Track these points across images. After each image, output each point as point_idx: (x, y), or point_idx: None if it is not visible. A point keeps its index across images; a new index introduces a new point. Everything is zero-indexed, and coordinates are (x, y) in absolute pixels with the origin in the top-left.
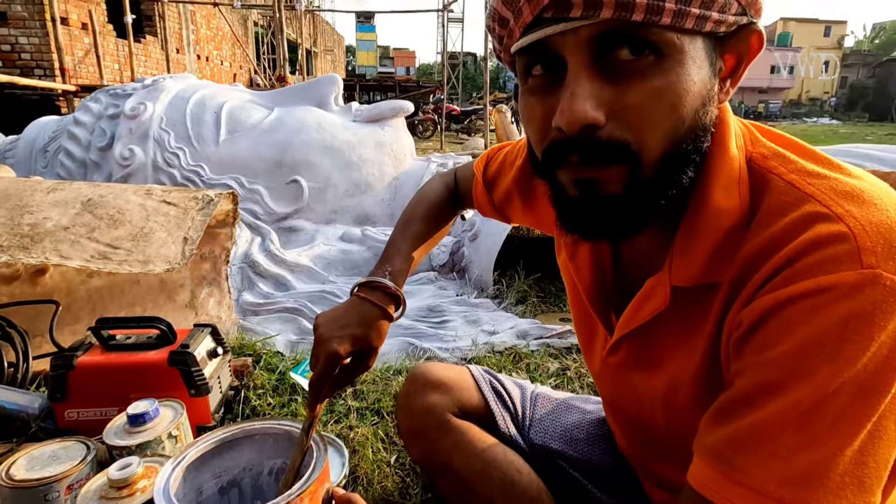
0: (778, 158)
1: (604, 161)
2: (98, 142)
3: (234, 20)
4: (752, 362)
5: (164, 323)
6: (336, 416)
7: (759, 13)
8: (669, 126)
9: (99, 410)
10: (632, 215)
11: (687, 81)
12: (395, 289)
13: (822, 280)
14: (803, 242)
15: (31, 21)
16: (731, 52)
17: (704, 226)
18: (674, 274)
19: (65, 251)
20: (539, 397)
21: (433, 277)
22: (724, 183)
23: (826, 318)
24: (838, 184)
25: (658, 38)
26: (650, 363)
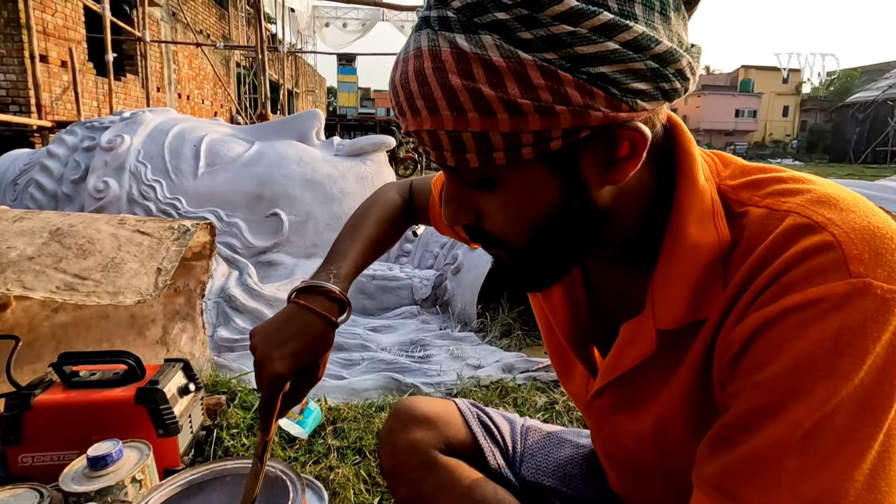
0: (748, 187)
1: (486, 245)
2: (71, 174)
3: (216, 60)
4: (745, 384)
5: (132, 357)
6: (315, 455)
7: (608, 119)
8: (523, 227)
9: (57, 454)
10: (539, 276)
11: (524, 199)
12: (339, 292)
13: (811, 292)
14: (790, 256)
15: (8, 58)
16: (613, 142)
17: (683, 263)
18: (658, 317)
19: (28, 282)
20: (529, 431)
21: (416, 311)
22: (697, 217)
23: (818, 333)
24: (812, 195)
25: (481, 172)
26: (636, 404)
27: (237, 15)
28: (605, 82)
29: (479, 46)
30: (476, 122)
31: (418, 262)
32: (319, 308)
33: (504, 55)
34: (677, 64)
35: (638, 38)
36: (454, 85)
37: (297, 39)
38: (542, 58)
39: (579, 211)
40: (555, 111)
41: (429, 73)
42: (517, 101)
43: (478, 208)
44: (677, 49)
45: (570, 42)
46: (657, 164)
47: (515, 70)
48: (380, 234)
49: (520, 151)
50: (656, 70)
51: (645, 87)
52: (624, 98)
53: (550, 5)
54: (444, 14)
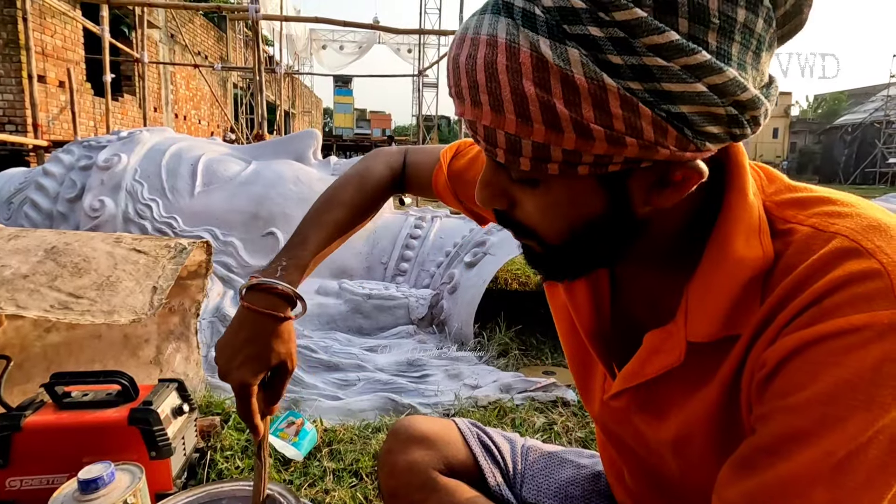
0: (794, 205)
1: (517, 233)
2: (67, 193)
3: (213, 81)
4: (776, 406)
5: (125, 377)
6: (311, 478)
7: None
8: (559, 229)
9: (46, 478)
10: (567, 271)
11: (568, 206)
12: (282, 288)
13: (854, 319)
14: (833, 280)
15: (7, 78)
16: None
17: (725, 277)
18: (690, 329)
19: (22, 301)
20: (530, 451)
21: (412, 331)
22: (744, 232)
23: (858, 361)
24: (862, 219)
25: (529, 174)
26: (657, 410)
27: (235, 37)
28: (682, 122)
29: (563, 59)
30: (540, 134)
31: (414, 282)
32: (264, 307)
33: (588, 75)
34: (755, 111)
35: (728, 83)
36: (527, 92)
37: (295, 61)
38: (626, 86)
39: (619, 223)
40: (624, 141)
41: (500, 70)
42: (589, 126)
43: (513, 198)
44: (760, 97)
45: (660, 77)
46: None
47: (595, 93)
48: (350, 217)
49: (576, 168)
50: (734, 116)
51: (718, 131)
52: (694, 140)
53: (650, 34)
54: (532, 10)
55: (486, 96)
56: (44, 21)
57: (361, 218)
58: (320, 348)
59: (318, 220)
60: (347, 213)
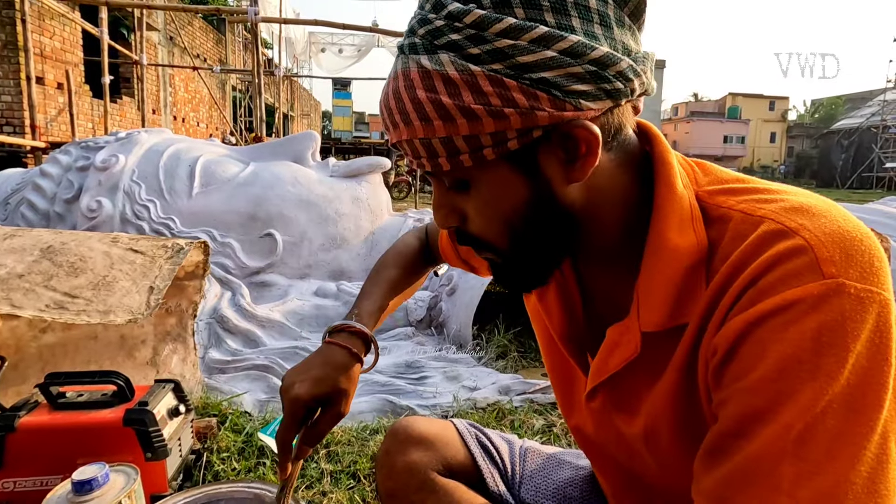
0: (724, 193)
1: (475, 248)
2: (64, 193)
3: (212, 84)
4: (733, 390)
5: (121, 377)
6: (308, 480)
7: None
8: (500, 228)
9: (40, 479)
10: (525, 277)
11: (495, 198)
12: (360, 328)
13: (788, 294)
14: (764, 260)
15: (5, 80)
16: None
17: (664, 267)
18: (642, 320)
19: (17, 300)
20: (528, 452)
21: (410, 333)
22: (676, 222)
23: (798, 334)
24: (787, 203)
25: (454, 175)
26: (628, 406)
27: (234, 40)
28: (547, 85)
29: (437, 63)
30: (441, 129)
31: None
32: (342, 342)
33: (458, 69)
34: (616, 66)
35: (574, 45)
36: (420, 98)
37: (294, 64)
38: (489, 68)
39: (549, 209)
40: (504, 114)
41: (402, 91)
42: (471, 107)
43: (461, 211)
44: (615, 54)
45: (512, 53)
46: (638, 173)
47: (468, 81)
48: (399, 276)
49: (482, 152)
50: (595, 72)
51: (586, 88)
52: (567, 99)
53: (493, 24)
54: (413, 41)
55: (398, 115)
56: (42, 23)
57: (410, 277)
58: None
59: (376, 280)
60: (397, 272)
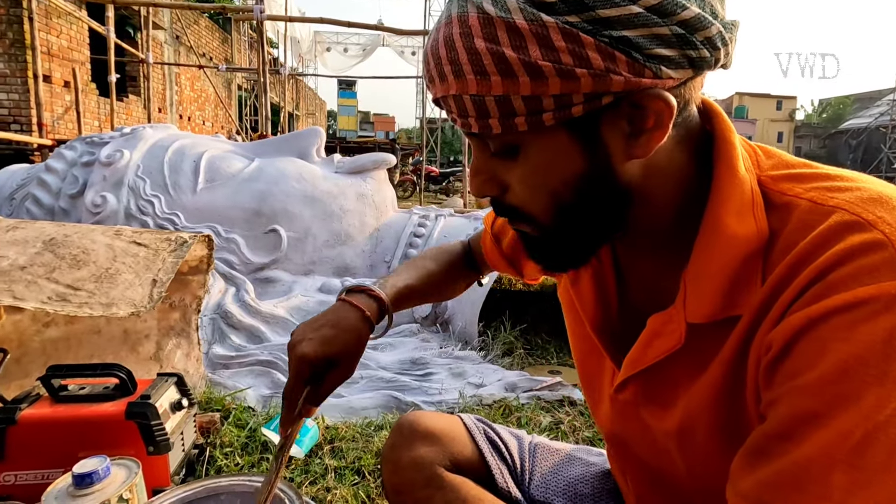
0: (790, 179)
1: (511, 219)
2: (69, 189)
3: (218, 83)
4: (786, 389)
5: (123, 370)
6: (312, 476)
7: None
8: (546, 199)
9: (41, 472)
10: (565, 255)
11: (547, 167)
12: (378, 292)
13: (860, 292)
14: (836, 253)
15: (12, 78)
16: (637, 112)
17: (719, 255)
18: (689, 310)
19: (19, 292)
20: (538, 448)
21: (416, 330)
22: (736, 208)
23: (867, 335)
24: (863, 192)
25: (504, 139)
26: (662, 399)
27: (240, 39)
28: (628, 46)
29: (503, 9)
30: (498, 86)
31: None
32: (357, 302)
33: (527, 18)
34: (706, 31)
35: (664, 2)
36: (479, 48)
37: (299, 63)
38: (564, 20)
39: (604, 185)
40: (575, 74)
41: (456, 39)
42: (538, 63)
43: (502, 180)
44: (706, 16)
45: (592, 5)
46: (696, 151)
47: (538, 32)
48: (435, 269)
49: (541, 117)
50: (682, 36)
51: (670, 54)
52: (647, 64)
53: None
54: None
55: (449, 66)
56: (50, 21)
57: (447, 273)
58: None
59: (409, 265)
60: (434, 265)
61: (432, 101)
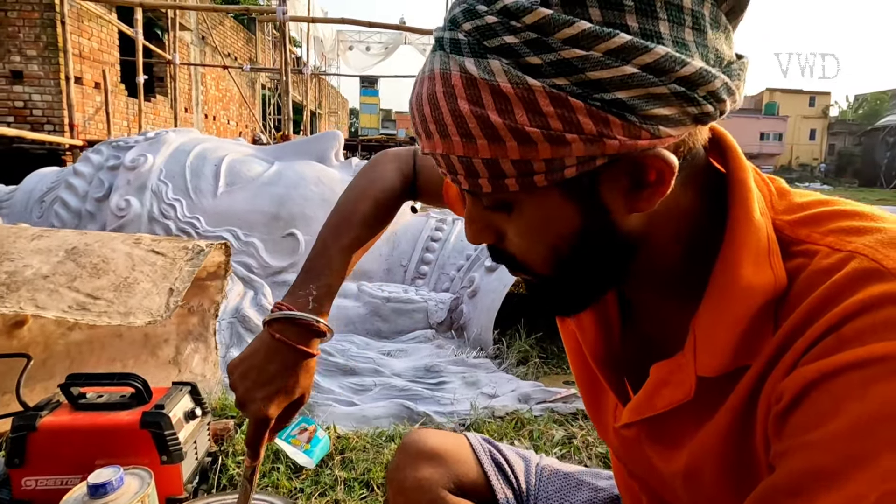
0: (808, 223)
1: (510, 268)
2: (95, 192)
3: (242, 83)
4: (796, 443)
5: (139, 380)
6: (321, 487)
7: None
8: (543, 253)
9: (61, 478)
10: (566, 303)
11: (541, 225)
12: (315, 322)
13: (877, 348)
14: (852, 304)
15: (45, 80)
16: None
17: (734, 306)
18: (700, 363)
19: (41, 301)
20: (545, 471)
21: (431, 335)
22: (752, 256)
23: (882, 395)
24: (882, 235)
25: (496, 196)
26: (668, 441)
27: (264, 39)
28: (622, 108)
29: (487, 72)
30: (485, 149)
31: (434, 285)
32: (297, 342)
33: (512, 81)
34: (709, 86)
35: (660, 59)
36: (463, 111)
37: (322, 62)
38: (551, 84)
39: (604, 239)
40: (565, 140)
41: (440, 98)
42: (525, 130)
43: (498, 229)
44: (709, 70)
45: (582, 67)
46: (703, 188)
47: (524, 97)
48: (368, 234)
49: (532, 179)
50: (682, 94)
51: (669, 113)
52: (644, 125)
53: (561, 28)
54: (456, 37)
55: (434, 125)
56: (81, 24)
57: (378, 230)
58: (337, 351)
59: (339, 242)
60: (365, 230)
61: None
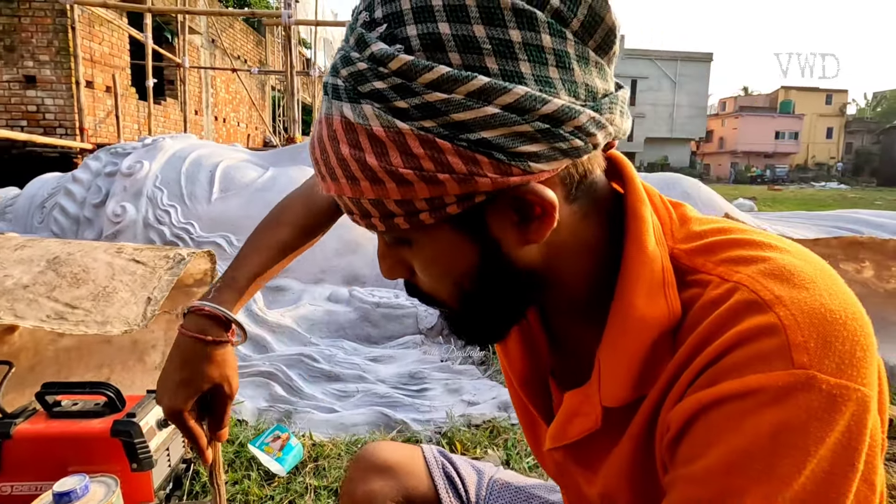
0: (702, 252)
1: (423, 301)
2: (93, 198)
3: (252, 85)
4: (680, 475)
5: (111, 389)
6: (292, 495)
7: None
8: (448, 289)
9: (35, 484)
10: (479, 334)
11: (440, 260)
12: (210, 310)
13: (750, 380)
14: (731, 337)
15: (58, 84)
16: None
17: (629, 338)
18: (604, 394)
19: (20, 310)
20: (496, 484)
21: (419, 341)
22: (645, 288)
23: (754, 428)
24: (767, 265)
25: (393, 234)
26: (588, 465)
27: (274, 41)
28: (489, 147)
29: (361, 116)
30: (369, 190)
31: None
32: (194, 331)
33: (384, 124)
34: (574, 122)
35: (520, 99)
36: (345, 154)
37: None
38: (419, 126)
39: (502, 272)
40: (438, 179)
41: (326, 142)
42: (400, 171)
43: (407, 264)
44: (572, 106)
45: (446, 109)
46: (608, 220)
47: (395, 140)
48: (295, 237)
49: (419, 217)
50: (547, 131)
51: (537, 149)
52: (513, 162)
53: (423, 73)
54: (336, 82)
55: (325, 168)
56: (92, 29)
57: (307, 238)
58: (324, 357)
59: (261, 241)
60: (292, 232)
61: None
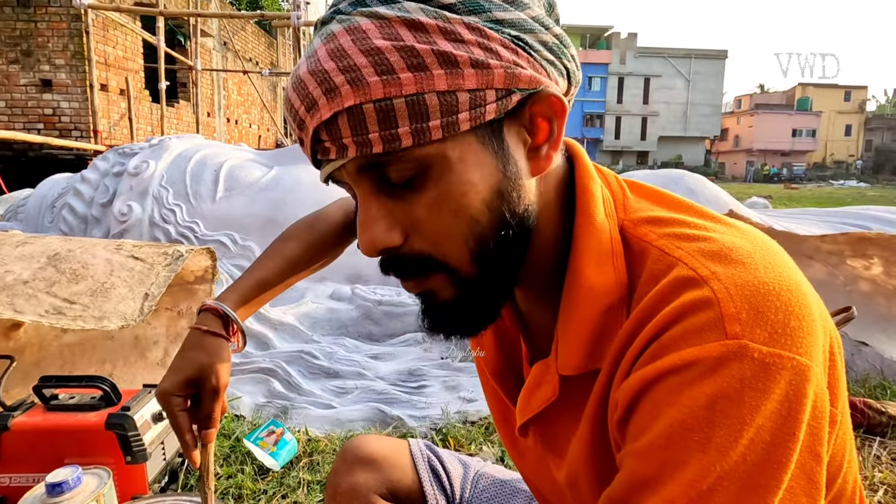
0: (650, 224)
1: (418, 273)
2: (100, 198)
3: (263, 87)
4: (626, 452)
5: (107, 383)
6: (285, 489)
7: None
8: (463, 230)
9: (32, 476)
10: (477, 315)
11: (463, 183)
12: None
13: (686, 354)
14: (670, 312)
15: (73, 87)
16: (534, 120)
17: (580, 307)
18: (560, 362)
19: (20, 305)
20: (482, 478)
21: (420, 338)
22: (594, 258)
23: (691, 399)
24: (708, 243)
25: (412, 156)
26: (556, 448)
27: (285, 42)
28: (526, 45)
29: (402, 10)
30: (410, 83)
31: None
32: (198, 324)
33: (430, 15)
34: (570, 49)
35: (538, 16)
36: (380, 47)
37: None
38: (467, 18)
39: (516, 203)
40: (489, 65)
41: (348, 47)
42: (452, 52)
43: (404, 223)
44: (565, 36)
45: (488, 7)
46: (563, 198)
47: (444, 28)
48: (301, 252)
49: (457, 118)
50: (558, 46)
51: (554, 60)
52: (542, 64)
53: None
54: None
55: (342, 76)
56: (107, 33)
57: (315, 254)
58: (324, 354)
59: (268, 253)
60: (300, 247)
61: (298, 139)
